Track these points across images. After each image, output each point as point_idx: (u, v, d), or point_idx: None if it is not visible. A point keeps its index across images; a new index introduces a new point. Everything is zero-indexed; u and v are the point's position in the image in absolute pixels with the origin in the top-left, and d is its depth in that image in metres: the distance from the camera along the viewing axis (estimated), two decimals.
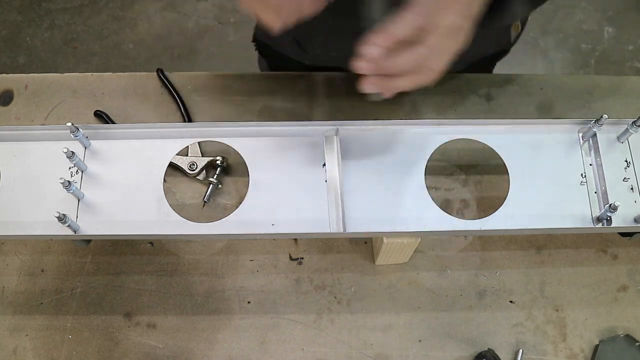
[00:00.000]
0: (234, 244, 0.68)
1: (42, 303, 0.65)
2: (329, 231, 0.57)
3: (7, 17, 1.95)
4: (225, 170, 0.71)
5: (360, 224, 0.57)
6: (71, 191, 0.56)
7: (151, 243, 0.68)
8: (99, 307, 0.65)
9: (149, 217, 0.58)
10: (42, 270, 0.67)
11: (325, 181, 0.59)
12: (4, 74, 0.78)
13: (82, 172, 0.59)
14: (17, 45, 1.89)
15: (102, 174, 0.60)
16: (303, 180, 0.59)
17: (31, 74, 0.78)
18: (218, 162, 0.70)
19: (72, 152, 0.57)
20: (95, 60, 1.85)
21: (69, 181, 0.56)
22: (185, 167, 0.69)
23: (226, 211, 0.70)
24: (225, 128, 0.61)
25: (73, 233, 0.56)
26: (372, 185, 0.59)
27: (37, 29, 1.91)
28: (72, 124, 0.58)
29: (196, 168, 0.69)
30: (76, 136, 0.59)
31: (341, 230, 0.57)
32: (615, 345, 0.63)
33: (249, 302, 0.65)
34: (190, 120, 0.74)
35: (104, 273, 0.67)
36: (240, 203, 0.58)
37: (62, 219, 0.54)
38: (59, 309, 0.65)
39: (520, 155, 0.61)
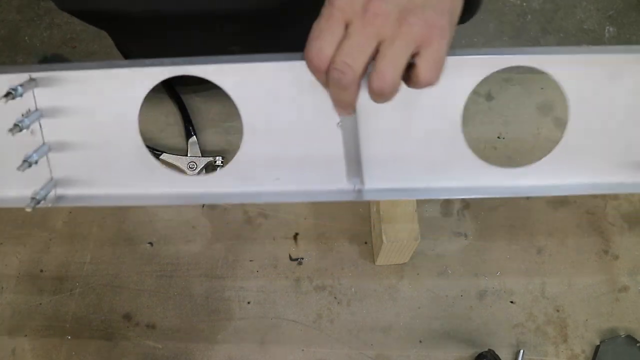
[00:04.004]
0: (234, 244, 0.68)
1: (40, 304, 0.65)
2: (343, 187, 0.48)
3: (6, 17, 1.94)
4: None
5: (382, 179, 0.48)
6: (36, 163, 0.48)
7: (150, 243, 0.68)
8: (98, 308, 0.65)
9: (134, 182, 0.50)
10: (41, 271, 0.67)
11: (338, 124, 0.46)
12: None
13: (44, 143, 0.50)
14: (16, 44, 1.88)
15: (67, 138, 0.49)
16: (309, 124, 0.47)
17: None
18: (218, 162, 0.70)
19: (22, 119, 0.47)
20: (95, 59, 1.85)
21: (33, 162, 0.48)
22: (185, 167, 0.69)
23: (226, 211, 0.70)
24: (208, 64, 0.47)
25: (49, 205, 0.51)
26: (397, 129, 0.47)
27: (36, 29, 1.91)
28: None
29: (196, 168, 0.69)
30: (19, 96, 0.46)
31: (359, 186, 0.48)
32: (616, 346, 0.62)
33: (248, 303, 0.65)
34: (190, 121, 0.74)
35: (103, 274, 0.67)
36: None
37: (38, 201, 0.49)
38: (57, 310, 0.65)
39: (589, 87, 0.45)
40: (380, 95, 0.39)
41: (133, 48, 0.75)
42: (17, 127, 0.46)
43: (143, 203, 0.56)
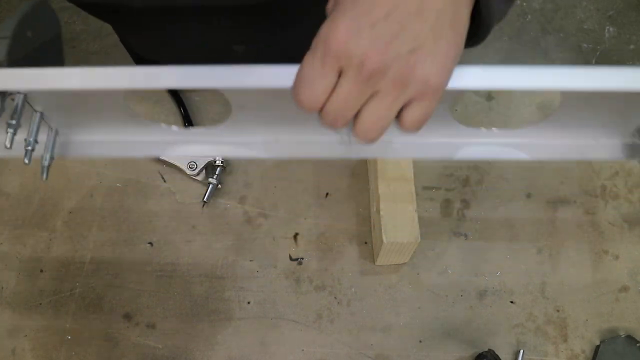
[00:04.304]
0: (234, 244, 0.68)
1: (41, 303, 0.65)
2: (331, 139, 0.50)
3: (6, 17, 1.94)
4: (225, 170, 0.71)
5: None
6: (37, 142, 0.49)
7: (150, 243, 0.68)
8: (98, 308, 0.65)
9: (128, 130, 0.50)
10: (41, 271, 0.67)
11: None
12: None
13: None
14: None
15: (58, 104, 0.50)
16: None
17: None
18: (218, 162, 0.70)
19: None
20: (95, 59, 1.84)
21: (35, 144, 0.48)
22: (185, 167, 0.69)
23: (226, 211, 0.70)
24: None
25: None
26: None
27: None
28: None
29: (196, 168, 0.69)
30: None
31: (346, 138, 0.49)
32: (616, 346, 0.62)
33: (248, 303, 0.65)
34: (190, 120, 0.74)
35: (103, 273, 0.67)
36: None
37: (48, 166, 0.49)
38: (58, 310, 0.65)
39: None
40: (364, 142, 0.39)
41: (132, 40, 0.75)
42: (11, 133, 0.45)
43: (137, 153, 0.53)
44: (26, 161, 0.47)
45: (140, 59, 0.79)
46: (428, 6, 0.34)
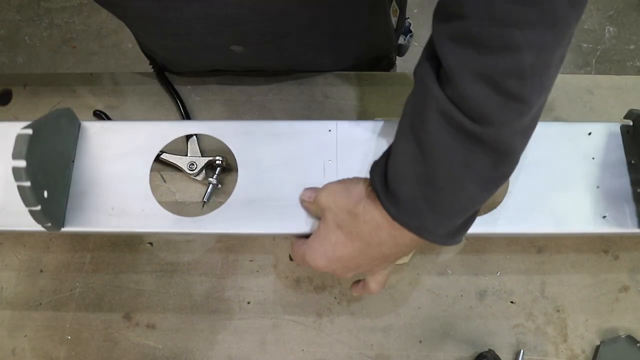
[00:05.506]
0: (234, 244, 0.68)
1: (41, 303, 0.65)
2: None
3: (6, 16, 1.94)
4: (225, 170, 0.71)
5: None
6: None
7: (150, 243, 0.68)
8: (98, 308, 0.65)
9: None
10: (41, 271, 0.67)
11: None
12: (2, 73, 0.78)
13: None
14: (16, 44, 1.89)
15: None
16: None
17: (30, 74, 0.77)
18: (218, 162, 0.70)
19: None
20: (95, 59, 1.85)
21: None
22: (185, 167, 0.69)
23: None
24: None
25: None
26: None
27: (36, 29, 1.91)
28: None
29: (196, 168, 0.69)
30: None
31: None
32: (616, 346, 0.62)
33: (248, 303, 0.65)
34: (189, 119, 0.74)
35: (103, 273, 0.67)
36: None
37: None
38: (58, 310, 0.65)
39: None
40: None
41: (138, 33, 0.74)
42: None
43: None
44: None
45: (145, 47, 0.80)
46: (389, 253, 0.49)
